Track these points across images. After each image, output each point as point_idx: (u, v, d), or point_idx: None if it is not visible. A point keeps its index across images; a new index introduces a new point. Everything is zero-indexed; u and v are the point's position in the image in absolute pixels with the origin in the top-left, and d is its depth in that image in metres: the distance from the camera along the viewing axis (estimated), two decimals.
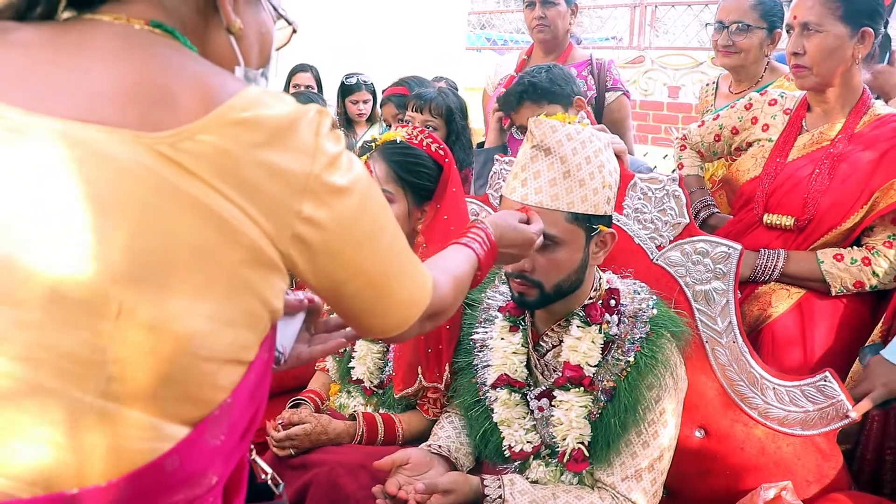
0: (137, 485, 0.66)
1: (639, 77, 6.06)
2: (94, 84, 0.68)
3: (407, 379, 1.80)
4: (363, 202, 0.79)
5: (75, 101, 0.67)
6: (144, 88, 0.69)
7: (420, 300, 0.91)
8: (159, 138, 0.66)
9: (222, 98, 0.69)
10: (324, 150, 0.74)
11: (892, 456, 1.77)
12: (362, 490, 1.55)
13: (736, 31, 2.53)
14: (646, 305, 1.59)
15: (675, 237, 1.76)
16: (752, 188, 2.01)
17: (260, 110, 0.70)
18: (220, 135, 0.68)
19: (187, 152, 0.66)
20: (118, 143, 0.65)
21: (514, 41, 8.49)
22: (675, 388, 1.57)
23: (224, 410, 0.72)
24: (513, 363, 1.64)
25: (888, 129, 1.87)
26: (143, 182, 0.65)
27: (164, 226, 0.66)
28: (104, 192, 0.64)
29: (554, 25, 2.89)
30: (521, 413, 1.63)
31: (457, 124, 2.46)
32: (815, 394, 1.62)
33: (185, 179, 0.66)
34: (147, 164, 0.65)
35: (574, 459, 1.54)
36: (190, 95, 0.69)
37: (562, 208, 1.47)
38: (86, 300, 0.63)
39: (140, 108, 0.67)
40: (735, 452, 1.67)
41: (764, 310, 1.92)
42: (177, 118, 0.67)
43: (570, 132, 1.48)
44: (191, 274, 0.67)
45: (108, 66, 0.70)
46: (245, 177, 0.68)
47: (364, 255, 0.81)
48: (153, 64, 0.71)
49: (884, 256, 1.84)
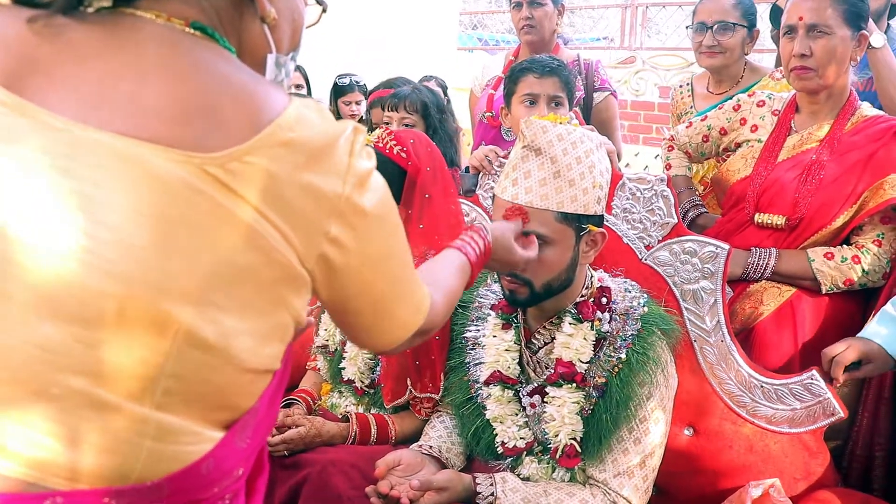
0: (177, 484, 0.70)
1: (630, 77, 6.07)
2: (147, 99, 0.68)
3: (396, 390, 1.80)
4: (383, 223, 0.81)
5: (128, 117, 0.67)
6: (194, 105, 0.69)
7: (414, 322, 0.94)
8: (210, 159, 0.67)
9: (270, 116, 0.71)
10: (355, 171, 0.75)
11: (881, 452, 1.78)
12: (354, 489, 1.56)
13: (719, 30, 2.55)
14: (637, 303, 1.61)
15: (664, 237, 1.78)
16: (742, 188, 2.03)
17: (304, 131, 0.72)
18: (267, 157, 0.69)
19: (235, 174, 0.68)
20: (170, 163, 0.66)
21: (506, 41, 8.50)
22: (665, 385, 1.58)
23: (251, 414, 0.76)
24: (505, 360, 1.65)
25: (875, 131, 1.89)
26: (195, 204, 0.66)
27: (215, 247, 0.67)
28: (160, 213, 0.65)
29: (541, 26, 2.90)
30: (513, 410, 1.64)
31: (433, 119, 2.45)
32: (802, 392, 1.64)
33: (232, 200, 0.67)
34: (197, 186, 0.66)
35: (566, 455, 1.55)
36: (238, 113, 0.70)
37: (551, 208, 1.48)
38: (148, 321, 0.65)
39: (191, 127, 0.68)
40: (723, 450, 1.68)
41: (755, 308, 1.93)
42: (226, 138, 0.68)
43: (560, 132, 1.49)
44: (238, 293, 0.70)
45: (159, 79, 0.70)
46: (286, 198, 0.70)
47: (377, 275, 0.83)
48: (201, 77, 0.71)
49: (873, 255, 1.86)
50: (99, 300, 0.64)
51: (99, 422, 0.66)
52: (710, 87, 2.74)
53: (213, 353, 0.69)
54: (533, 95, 2.27)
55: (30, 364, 0.64)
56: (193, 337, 0.67)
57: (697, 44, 2.63)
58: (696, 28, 2.63)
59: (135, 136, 0.66)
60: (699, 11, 2.64)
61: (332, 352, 2.00)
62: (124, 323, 0.65)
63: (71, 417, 0.65)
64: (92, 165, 0.65)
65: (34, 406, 0.64)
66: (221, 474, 0.74)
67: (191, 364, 0.68)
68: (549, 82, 2.26)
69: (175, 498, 0.70)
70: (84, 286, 0.64)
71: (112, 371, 0.65)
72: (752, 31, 2.59)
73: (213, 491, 0.74)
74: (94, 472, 0.66)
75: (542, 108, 2.22)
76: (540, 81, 2.26)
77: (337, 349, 1.98)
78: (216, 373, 0.70)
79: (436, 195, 1.83)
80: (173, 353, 0.67)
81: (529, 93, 2.27)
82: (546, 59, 2.32)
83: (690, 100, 2.80)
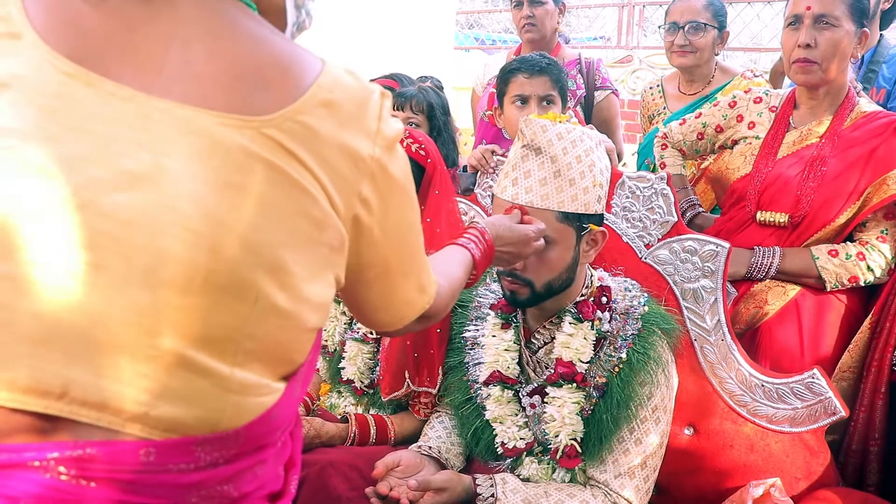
0: (252, 430, 0.76)
1: (627, 76, 6.07)
2: (198, 65, 0.70)
3: (394, 383, 1.79)
4: (405, 194, 0.85)
5: (185, 84, 0.69)
6: (241, 70, 0.72)
7: (421, 303, 0.96)
8: (266, 122, 0.70)
9: (311, 77, 0.74)
10: (384, 134, 0.78)
11: (876, 447, 1.78)
12: (353, 490, 1.55)
13: (691, 30, 2.62)
14: (637, 303, 1.60)
15: (664, 235, 1.77)
16: (743, 186, 2.02)
17: (340, 92, 0.75)
18: (313, 116, 0.72)
19: (292, 134, 0.71)
20: (230, 129, 0.69)
21: (503, 41, 8.49)
22: (667, 385, 1.57)
23: (305, 367, 0.82)
24: (505, 360, 1.64)
25: (876, 126, 1.88)
26: (259, 170, 0.69)
27: (283, 213, 0.71)
28: (232, 182, 0.68)
29: (542, 25, 2.90)
30: (513, 410, 1.63)
31: (438, 120, 2.46)
32: (803, 391, 1.63)
33: (292, 164, 0.71)
34: (258, 151, 0.69)
35: (566, 456, 1.55)
36: (282, 75, 0.73)
37: (552, 207, 1.48)
38: (231, 288, 0.70)
39: (241, 92, 0.71)
40: (724, 450, 1.67)
41: (760, 307, 1.92)
42: (275, 101, 0.71)
43: (560, 131, 1.48)
44: (302, 257, 0.74)
45: (203, 45, 0.72)
46: (329, 157, 0.74)
47: (393, 247, 0.86)
48: (241, 41, 0.74)
49: (878, 251, 1.85)
50: (188, 269, 0.68)
51: (190, 380, 0.71)
52: (681, 88, 2.81)
53: (284, 316, 0.74)
54: (523, 96, 2.26)
55: (127, 329, 0.68)
56: (269, 302, 0.72)
57: (669, 43, 2.70)
58: (668, 28, 2.71)
59: (195, 104, 0.69)
60: (671, 12, 2.72)
61: (331, 352, 1.99)
62: (210, 290, 0.69)
63: (166, 376, 0.70)
64: (163, 137, 0.68)
65: (132, 366, 0.69)
66: (283, 420, 0.81)
67: (266, 326, 0.73)
68: (539, 82, 2.25)
69: (250, 443, 0.77)
70: (174, 256, 0.68)
71: (200, 334, 0.70)
72: (723, 33, 2.68)
73: (276, 435, 0.81)
74: (185, 423, 0.72)
75: (533, 108, 2.22)
76: (530, 81, 2.25)
77: (336, 349, 1.97)
78: (285, 332, 0.76)
79: (442, 192, 1.85)
80: (252, 317, 0.71)
81: (520, 93, 2.27)
82: (536, 57, 2.31)
83: (662, 101, 2.86)
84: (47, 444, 0.68)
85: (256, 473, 0.79)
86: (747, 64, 7.52)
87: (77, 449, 0.68)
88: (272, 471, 0.83)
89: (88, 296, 0.67)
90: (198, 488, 0.73)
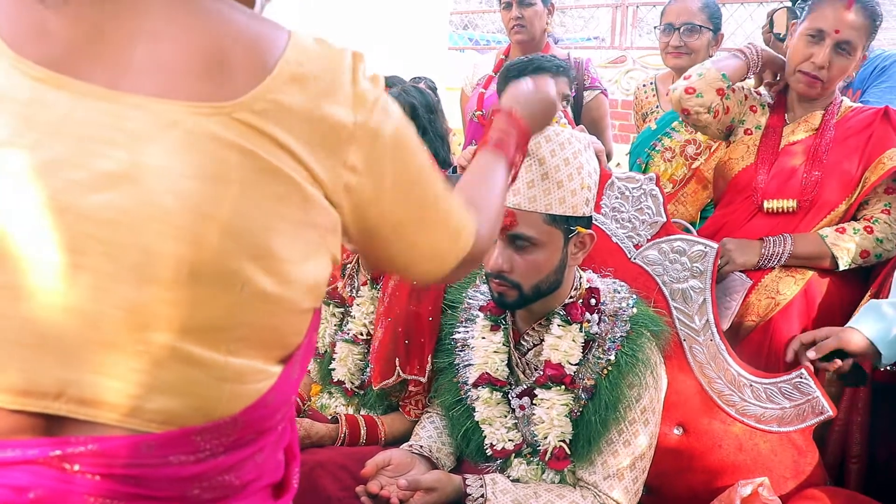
0: (249, 416, 0.77)
1: (620, 77, 6.09)
2: (166, 56, 0.70)
3: (384, 371, 1.78)
4: (400, 148, 0.81)
5: (154, 77, 0.69)
6: (208, 56, 0.71)
7: (456, 251, 0.91)
8: (238, 105, 0.69)
9: (277, 52, 0.72)
10: (363, 96, 0.76)
11: (857, 449, 1.79)
12: (344, 491, 1.55)
13: (686, 32, 2.63)
14: (626, 304, 1.60)
15: (653, 236, 1.77)
16: (747, 176, 2.03)
17: (308, 64, 0.73)
18: (284, 92, 0.71)
19: (263, 114, 0.70)
20: (205, 119, 0.68)
21: (497, 41, 8.50)
22: (655, 387, 1.58)
23: (301, 349, 0.83)
24: (494, 362, 1.64)
25: (866, 116, 1.95)
26: (235, 158, 0.69)
27: (264, 198, 0.71)
28: (209, 173, 0.68)
29: (531, 25, 2.91)
30: (502, 412, 1.63)
31: (422, 119, 2.46)
32: (791, 391, 1.64)
33: (267, 146, 0.70)
34: (232, 138, 0.69)
35: (555, 457, 1.55)
36: (248, 56, 0.72)
37: (539, 210, 1.48)
38: (218, 278, 0.70)
39: (210, 78, 0.70)
40: (713, 450, 1.68)
41: (772, 298, 1.92)
42: (244, 83, 0.70)
43: (549, 134, 1.49)
44: (290, 241, 0.73)
45: (169, 35, 0.71)
46: (305, 132, 0.72)
47: (398, 203, 0.83)
48: (207, 25, 0.72)
49: (884, 222, 1.88)
50: (173, 263, 0.68)
51: (184, 372, 0.72)
52: None
53: (273, 301, 0.74)
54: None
55: (118, 326, 0.69)
56: (256, 289, 0.72)
57: (664, 44, 2.71)
58: (663, 29, 2.71)
59: (167, 97, 0.68)
60: (667, 13, 2.73)
61: (321, 353, 1.99)
62: (196, 282, 0.70)
63: (159, 370, 0.71)
64: (138, 133, 0.68)
65: (125, 363, 0.70)
66: (281, 403, 0.81)
67: (256, 313, 0.74)
68: (563, 82, 2.28)
69: (249, 428, 0.77)
70: (159, 252, 0.68)
71: (190, 326, 0.71)
72: (717, 35, 2.69)
73: (276, 419, 0.81)
74: (182, 415, 0.73)
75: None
76: (555, 81, 2.27)
77: (326, 350, 1.97)
78: (276, 317, 0.76)
79: None
80: (240, 305, 0.72)
81: None
82: (554, 58, 2.34)
83: (655, 99, 2.88)
84: (49, 440, 0.69)
85: (257, 462, 0.80)
86: None
87: (79, 445, 0.69)
88: (272, 458, 0.83)
89: (77, 297, 0.68)
90: (199, 479, 0.74)
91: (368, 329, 1.89)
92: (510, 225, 1.48)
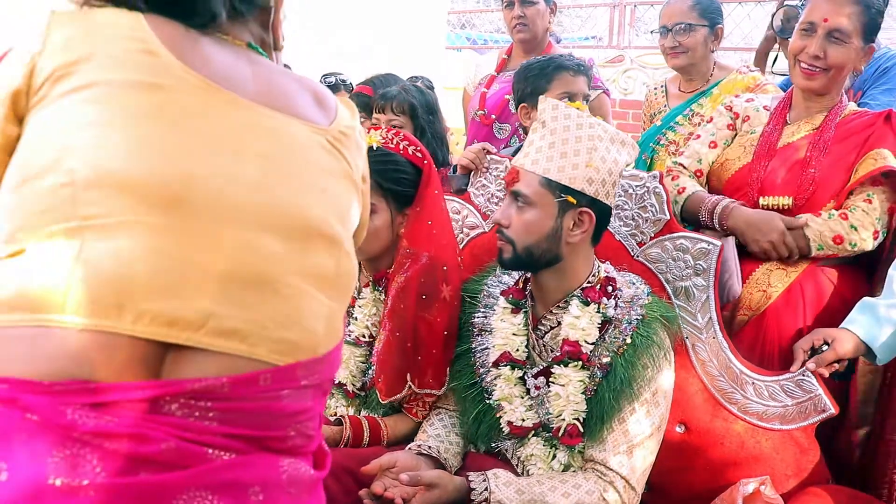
0: (333, 356, 0.95)
1: (618, 76, 6.08)
2: (285, 89, 0.98)
3: (393, 385, 1.75)
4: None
5: (290, 104, 0.96)
6: (307, 94, 1.00)
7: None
8: (327, 131, 0.99)
9: (334, 101, 1.04)
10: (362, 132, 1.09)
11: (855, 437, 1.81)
12: (347, 494, 1.54)
13: (679, 31, 2.68)
14: (641, 292, 1.64)
15: (656, 234, 1.78)
16: (743, 175, 2.03)
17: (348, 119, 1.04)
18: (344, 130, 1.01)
19: (341, 141, 1.00)
20: (315, 134, 0.97)
21: (495, 41, 8.49)
22: (668, 369, 1.61)
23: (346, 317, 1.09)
24: (514, 343, 1.69)
25: (868, 118, 1.95)
26: (331, 162, 0.98)
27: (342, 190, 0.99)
28: (325, 167, 0.97)
29: (533, 25, 2.91)
30: (520, 392, 1.67)
31: (421, 120, 2.45)
32: (793, 388, 1.64)
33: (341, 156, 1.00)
34: (328, 148, 0.98)
35: (568, 434, 1.58)
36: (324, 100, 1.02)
37: (537, 172, 1.59)
38: (329, 238, 0.94)
39: (312, 110, 0.99)
40: (715, 447, 1.68)
41: (764, 291, 1.92)
42: (325, 117, 1.00)
43: (570, 113, 1.59)
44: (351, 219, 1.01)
45: (279, 77, 0.99)
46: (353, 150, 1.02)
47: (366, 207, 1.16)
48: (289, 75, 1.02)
49: (862, 210, 1.86)
50: (305, 225, 0.91)
51: (307, 309, 0.90)
52: (681, 87, 2.84)
53: (351, 260, 0.99)
54: (570, 93, 2.27)
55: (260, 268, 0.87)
56: (344, 249, 0.97)
57: (662, 46, 2.77)
58: (660, 32, 2.77)
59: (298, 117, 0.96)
60: (662, 16, 2.79)
61: None
62: (317, 239, 0.93)
63: (289, 308, 0.88)
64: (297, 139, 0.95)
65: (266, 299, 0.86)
66: (339, 361, 1.00)
67: (343, 267, 0.97)
68: (581, 80, 2.31)
69: (329, 370, 0.95)
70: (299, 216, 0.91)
71: (312, 272, 0.92)
72: (715, 29, 2.70)
73: (334, 372, 0.98)
74: (298, 346, 0.89)
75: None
76: (575, 79, 2.31)
77: None
78: (351, 277, 0.99)
79: (440, 191, 1.86)
80: (342, 258, 0.96)
81: (567, 91, 2.28)
82: (570, 56, 2.37)
83: (664, 99, 2.91)
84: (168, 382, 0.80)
85: (319, 422, 0.96)
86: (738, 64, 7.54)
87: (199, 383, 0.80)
88: (320, 427, 0.98)
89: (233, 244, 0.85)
90: (296, 419, 0.89)
91: (371, 331, 1.88)
92: (513, 181, 1.62)
